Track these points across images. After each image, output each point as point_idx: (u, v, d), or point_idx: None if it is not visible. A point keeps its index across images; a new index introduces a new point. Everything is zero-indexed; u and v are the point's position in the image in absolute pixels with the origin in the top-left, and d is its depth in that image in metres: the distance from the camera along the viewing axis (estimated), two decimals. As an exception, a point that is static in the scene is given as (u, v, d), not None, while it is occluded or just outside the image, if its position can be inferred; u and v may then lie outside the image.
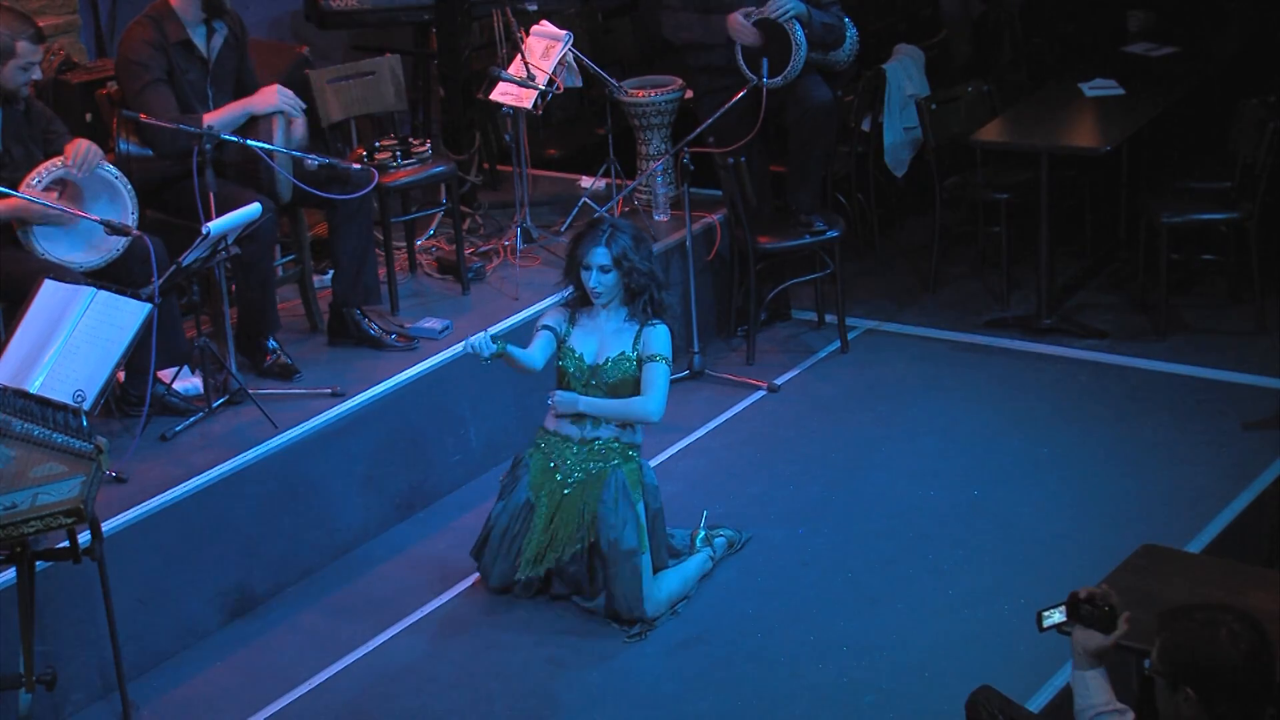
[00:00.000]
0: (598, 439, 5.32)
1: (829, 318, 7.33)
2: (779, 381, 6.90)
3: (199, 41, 5.93)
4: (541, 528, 5.33)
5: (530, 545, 5.33)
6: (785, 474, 6.17)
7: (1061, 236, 7.58)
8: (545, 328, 5.40)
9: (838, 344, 7.18)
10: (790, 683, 4.97)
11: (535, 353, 5.35)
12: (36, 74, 5.46)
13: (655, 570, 5.31)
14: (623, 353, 5.30)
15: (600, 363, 5.32)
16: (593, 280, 5.30)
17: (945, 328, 7.32)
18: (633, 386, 5.31)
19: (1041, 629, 3.64)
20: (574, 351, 5.36)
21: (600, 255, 5.29)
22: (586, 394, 5.32)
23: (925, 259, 7.76)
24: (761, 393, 6.82)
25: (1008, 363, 6.96)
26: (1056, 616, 3.59)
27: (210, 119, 5.79)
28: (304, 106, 5.98)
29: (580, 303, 5.41)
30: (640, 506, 5.26)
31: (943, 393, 6.73)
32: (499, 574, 5.44)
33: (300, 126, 5.94)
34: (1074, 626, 3.55)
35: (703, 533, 5.62)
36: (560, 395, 5.34)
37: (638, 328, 5.33)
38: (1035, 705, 4.65)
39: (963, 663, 4.92)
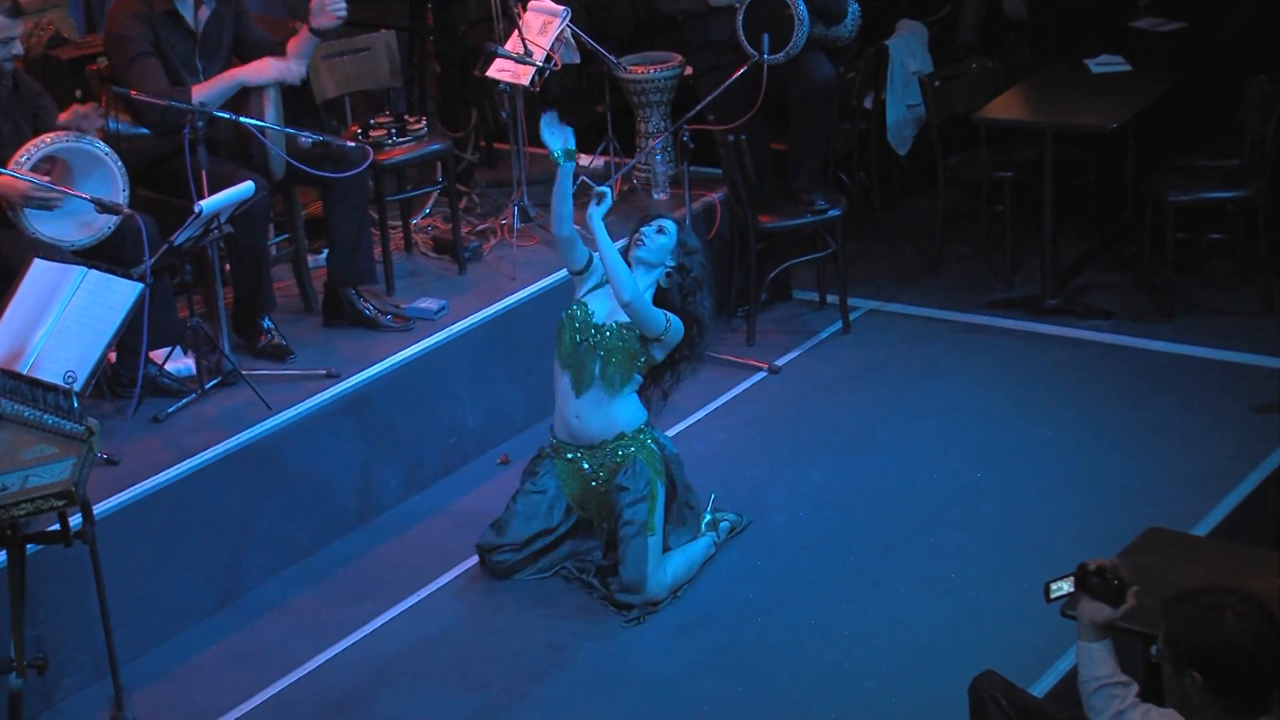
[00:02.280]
0: (605, 441, 5.31)
1: (830, 298, 7.29)
2: (780, 363, 6.85)
3: (186, 13, 5.86)
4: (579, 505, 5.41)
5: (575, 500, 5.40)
6: (786, 456, 6.13)
7: (1066, 215, 7.53)
8: (592, 256, 5.43)
9: (839, 324, 7.13)
10: (791, 667, 4.94)
11: (581, 249, 5.39)
12: (17, 49, 5.42)
13: (665, 550, 5.30)
14: (631, 324, 5.25)
15: (605, 323, 5.28)
16: (646, 229, 5.33)
17: (948, 308, 7.27)
18: (627, 358, 5.26)
19: (1049, 600, 3.60)
20: (586, 305, 5.33)
21: (667, 220, 5.38)
22: (577, 350, 5.27)
23: (928, 238, 7.70)
24: (762, 374, 6.77)
25: (1011, 344, 6.92)
26: (1065, 587, 3.56)
27: (200, 91, 5.73)
28: (303, 75, 5.91)
29: None
30: (659, 487, 5.25)
31: (945, 374, 6.68)
32: (504, 560, 5.41)
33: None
34: (1081, 597, 3.52)
35: (709, 516, 5.58)
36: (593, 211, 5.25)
37: None
38: (1039, 689, 4.61)
39: (965, 647, 4.89)
